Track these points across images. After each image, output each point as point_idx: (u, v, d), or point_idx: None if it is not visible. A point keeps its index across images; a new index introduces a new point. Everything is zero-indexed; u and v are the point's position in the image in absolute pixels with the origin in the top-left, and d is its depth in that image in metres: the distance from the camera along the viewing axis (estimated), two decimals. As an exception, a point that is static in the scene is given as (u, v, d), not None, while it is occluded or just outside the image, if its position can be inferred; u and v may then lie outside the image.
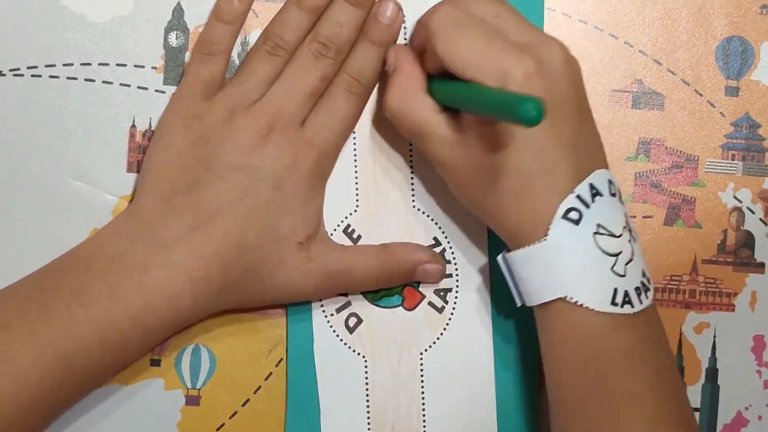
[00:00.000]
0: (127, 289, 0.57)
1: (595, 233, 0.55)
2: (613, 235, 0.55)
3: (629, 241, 0.56)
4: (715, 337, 0.65)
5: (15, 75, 0.62)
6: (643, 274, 0.56)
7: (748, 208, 0.65)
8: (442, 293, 0.64)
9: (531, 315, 0.61)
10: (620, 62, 0.64)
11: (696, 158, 0.64)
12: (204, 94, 0.60)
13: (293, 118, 0.60)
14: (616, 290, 0.55)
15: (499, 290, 0.63)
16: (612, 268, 0.55)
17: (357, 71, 0.61)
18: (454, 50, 0.56)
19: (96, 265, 0.58)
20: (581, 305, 0.55)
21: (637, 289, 0.55)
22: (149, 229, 0.58)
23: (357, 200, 0.63)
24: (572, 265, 0.55)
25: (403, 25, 0.63)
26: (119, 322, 0.57)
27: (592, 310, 0.55)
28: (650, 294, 0.56)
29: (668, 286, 0.64)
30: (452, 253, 0.63)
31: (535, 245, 0.55)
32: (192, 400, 0.63)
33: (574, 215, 0.55)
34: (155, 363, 0.63)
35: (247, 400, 0.64)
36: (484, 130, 0.55)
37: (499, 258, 0.58)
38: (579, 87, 0.57)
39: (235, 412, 0.64)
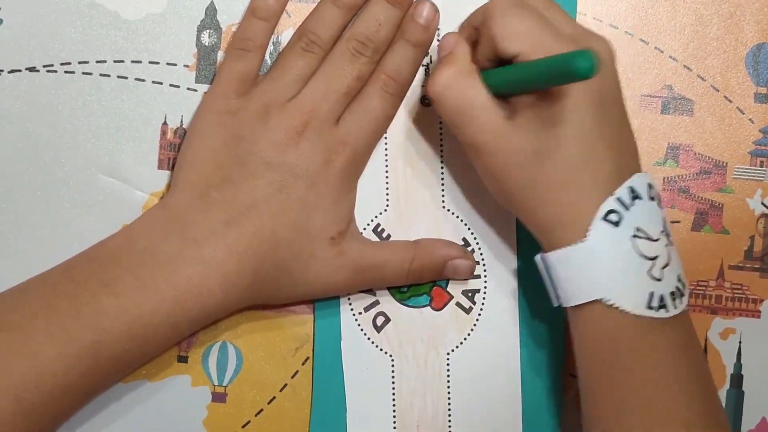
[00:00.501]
0: (157, 283, 0.57)
1: (634, 236, 0.55)
2: (651, 239, 0.55)
3: (666, 245, 0.56)
4: (740, 343, 0.65)
5: (48, 71, 0.63)
6: (679, 279, 0.57)
7: (775, 214, 0.65)
8: (470, 294, 0.64)
9: (558, 318, 0.61)
10: (650, 67, 0.64)
11: (724, 164, 0.65)
12: (238, 91, 0.60)
13: (328, 117, 0.60)
14: (652, 294, 0.55)
15: (527, 292, 0.63)
16: (649, 271, 0.55)
17: (394, 70, 0.61)
18: (510, 29, 0.56)
19: (127, 258, 0.58)
20: (617, 308, 0.55)
21: (672, 293, 0.56)
22: (182, 223, 0.59)
23: (387, 200, 0.64)
24: (610, 267, 0.55)
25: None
26: (148, 316, 0.57)
27: (628, 312, 0.55)
28: (685, 299, 0.57)
29: (695, 291, 0.65)
30: (481, 254, 0.64)
31: (573, 246, 0.55)
32: (218, 397, 0.64)
33: (613, 217, 0.55)
34: (182, 359, 0.63)
35: (273, 398, 0.64)
36: (533, 118, 0.56)
37: (537, 258, 0.58)
38: (618, 85, 0.57)
39: (261, 410, 0.64)
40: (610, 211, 0.55)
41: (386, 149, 0.63)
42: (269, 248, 0.59)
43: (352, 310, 0.64)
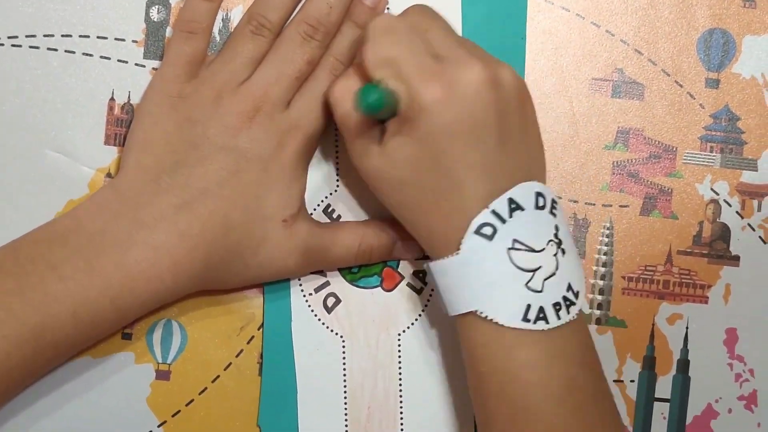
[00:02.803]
0: (105, 266, 0.57)
1: (510, 248, 0.55)
2: (532, 250, 0.55)
3: (554, 255, 0.56)
4: (687, 328, 0.64)
5: (-5, 44, 0.62)
6: (569, 288, 0.56)
7: (724, 200, 0.64)
8: (420, 275, 0.64)
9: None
10: (601, 51, 0.64)
11: (674, 149, 0.64)
12: (188, 73, 0.60)
13: (279, 101, 0.60)
14: (529, 306, 0.55)
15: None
16: (527, 283, 0.55)
17: (341, 53, 0.61)
18: (377, 55, 0.56)
19: (75, 240, 0.58)
20: (491, 320, 0.55)
21: (556, 304, 0.55)
22: (132, 207, 0.58)
23: (337, 181, 0.63)
24: (483, 279, 0.55)
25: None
26: (95, 300, 0.57)
27: (502, 325, 0.55)
28: (573, 309, 0.56)
29: (642, 275, 0.64)
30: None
31: (448, 259, 0.56)
32: (162, 375, 0.63)
33: (487, 230, 0.55)
34: (126, 336, 0.63)
35: (218, 377, 0.63)
36: (397, 145, 0.56)
37: (425, 266, 0.58)
38: (502, 108, 0.56)
39: (205, 388, 0.63)
40: (484, 224, 0.55)
41: (336, 130, 0.63)
42: (221, 233, 0.58)
43: (302, 290, 0.63)
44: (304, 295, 0.63)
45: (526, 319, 0.55)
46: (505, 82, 0.56)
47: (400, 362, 0.63)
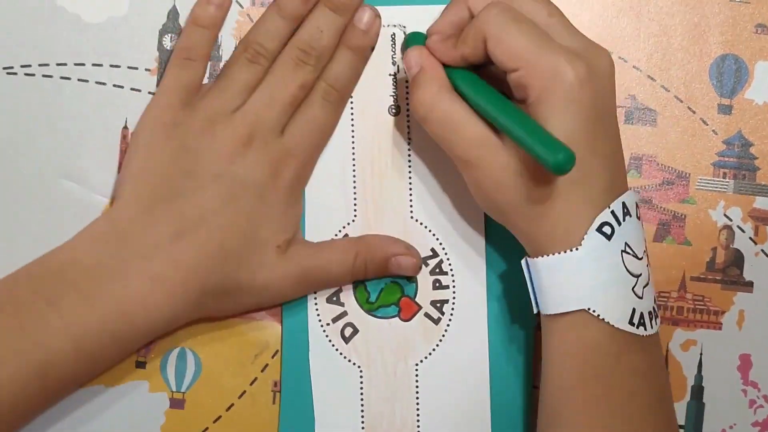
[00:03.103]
0: (102, 299, 0.57)
1: (623, 251, 0.55)
2: (637, 257, 0.56)
3: (647, 265, 0.56)
4: (701, 354, 0.65)
5: (8, 73, 0.62)
6: (654, 300, 0.57)
7: (738, 226, 0.65)
8: (438, 304, 0.64)
9: (527, 328, 0.62)
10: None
11: (687, 175, 0.65)
12: (183, 101, 0.60)
13: (273, 127, 0.60)
14: (634, 310, 0.55)
15: (496, 303, 0.63)
16: (633, 288, 0.55)
17: (333, 78, 0.61)
18: (507, 42, 0.55)
19: (71, 274, 0.57)
20: (602, 319, 0.55)
21: (650, 313, 0.56)
22: (127, 238, 0.58)
23: (355, 210, 0.63)
24: (599, 278, 0.55)
25: (392, 42, 0.63)
26: (96, 333, 0.57)
27: (611, 325, 0.55)
28: (658, 321, 0.57)
29: (656, 302, 0.64)
30: (449, 264, 0.63)
31: (565, 254, 0.55)
32: (176, 403, 0.63)
33: (607, 230, 0.55)
34: (140, 365, 0.63)
35: (232, 405, 0.63)
36: None
37: (523, 262, 0.57)
38: (614, 98, 0.57)
39: (219, 417, 0.63)
40: (604, 224, 0.55)
41: (354, 159, 0.63)
42: (217, 261, 0.58)
43: (320, 320, 0.63)
44: (322, 325, 0.63)
45: (631, 323, 0.55)
46: (614, 68, 0.57)
47: (417, 392, 0.63)
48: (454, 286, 0.64)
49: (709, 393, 0.64)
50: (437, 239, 0.63)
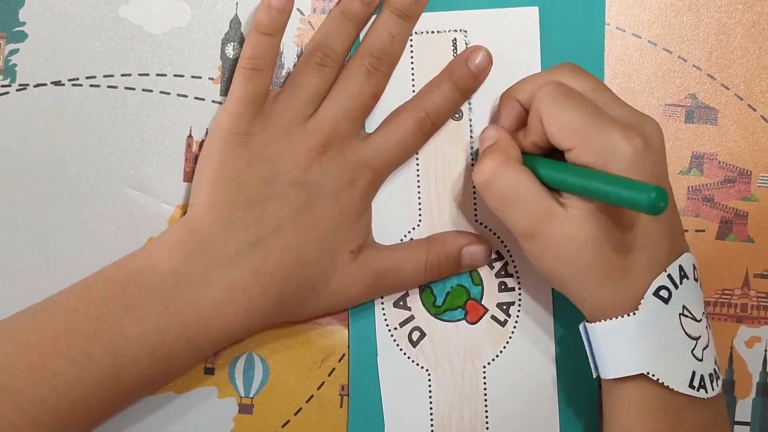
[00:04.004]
0: (180, 307, 0.57)
1: (681, 314, 0.55)
2: (695, 319, 0.56)
3: (706, 327, 0.57)
4: (766, 351, 0.65)
5: (74, 85, 0.63)
6: (715, 362, 0.57)
7: (800, 223, 0.65)
8: (504, 307, 0.64)
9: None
10: (674, 77, 0.64)
11: (749, 173, 0.65)
12: (254, 110, 0.60)
13: (348, 135, 0.60)
14: (694, 373, 0.55)
15: (561, 304, 0.63)
16: (692, 351, 0.55)
17: (434, 111, 0.61)
18: (561, 119, 0.55)
19: (149, 280, 0.58)
20: (662, 383, 0.55)
21: (710, 375, 0.56)
22: (206, 245, 0.58)
23: (420, 215, 0.64)
24: (658, 342, 0.55)
25: (453, 48, 0.63)
26: (171, 340, 0.57)
27: (671, 389, 0.55)
28: (720, 382, 0.57)
29: (720, 299, 0.65)
30: (515, 267, 0.64)
31: (623, 319, 0.55)
32: (245, 409, 0.64)
33: (664, 293, 0.55)
34: (209, 371, 0.63)
35: (300, 409, 0.64)
36: (587, 208, 0.55)
37: (581, 327, 0.58)
38: (667, 165, 0.57)
39: (288, 421, 0.64)
40: (661, 288, 0.55)
41: (418, 164, 0.63)
42: (295, 268, 0.59)
43: (387, 325, 0.64)
44: (389, 330, 0.63)
45: (691, 386, 0.55)
46: (662, 135, 0.57)
47: (486, 394, 0.64)
48: (519, 288, 0.64)
49: (774, 389, 0.65)
50: (502, 242, 0.64)
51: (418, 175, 0.63)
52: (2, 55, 0.63)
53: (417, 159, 0.63)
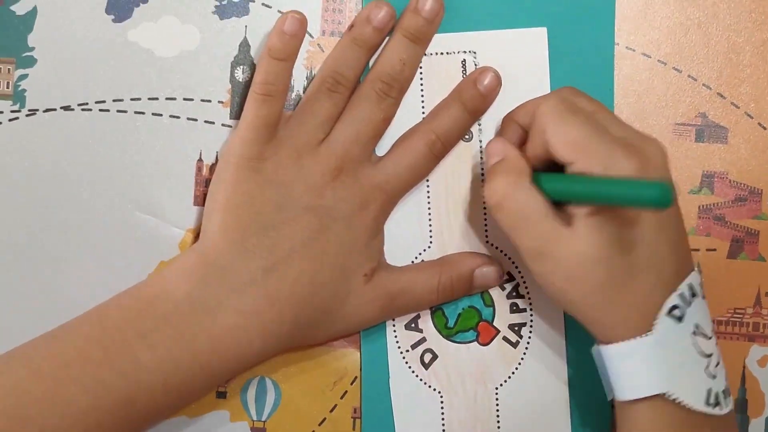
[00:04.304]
0: (194, 334, 0.57)
1: (694, 333, 0.55)
2: (707, 337, 0.56)
3: (716, 344, 0.56)
4: (779, 370, 0.65)
5: (83, 109, 0.63)
6: (726, 378, 0.57)
7: (811, 241, 0.65)
8: (516, 328, 0.64)
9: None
10: (684, 96, 0.64)
11: (760, 191, 0.65)
12: (267, 135, 0.60)
13: (360, 159, 0.60)
14: (710, 391, 0.55)
15: (573, 324, 0.63)
16: (706, 368, 0.55)
17: (444, 133, 0.62)
18: (565, 133, 0.55)
19: (162, 307, 0.57)
20: (679, 402, 0.55)
21: (724, 392, 0.56)
22: (220, 271, 0.58)
23: (431, 236, 0.63)
24: (673, 362, 0.55)
25: (462, 69, 0.63)
26: (186, 368, 0.57)
27: (688, 408, 0.55)
28: (731, 399, 0.57)
29: (732, 318, 0.64)
30: (526, 287, 0.64)
31: (637, 340, 0.55)
32: (257, 432, 0.64)
33: (677, 312, 0.55)
34: (221, 395, 0.63)
35: (312, 432, 0.64)
36: (595, 224, 0.54)
37: (593, 350, 0.57)
38: (674, 184, 0.56)
39: (300, 444, 0.64)
40: (674, 307, 0.55)
41: (428, 185, 0.63)
42: (309, 292, 0.59)
43: (399, 347, 0.64)
44: (401, 352, 0.63)
45: (707, 404, 0.55)
46: (667, 157, 0.57)
47: (498, 416, 0.64)
48: (531, 309, 0.64)
49: (788, 408, 0.65)
50: (513, 263, 0.64)
51: (428, 197, 0.63)
52: (11, 80, 0.63)
53: (427, 180, 0.63)
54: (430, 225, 0.64)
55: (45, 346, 0.57)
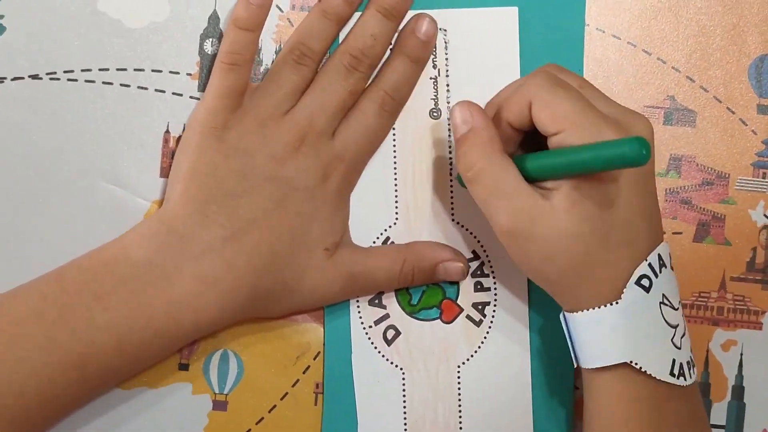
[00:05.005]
0: (150, 298, 0.57)
1: (661, 303, 0.55)
2: (673, 308, 0.56)
3: (682, 315, 0.57)
4: (742, 354, 0.65)
5: (51, 79, 0.63)
6: (690, 350, 0.57)
7: (777, 226, 0.65)
8: (479, 307, 0.64)
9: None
10: (653, 78, 0.64)
11: (727, 176, 0.65)
12: (232, 105, 0.60)
13: (323, 131, 0.60)
14: (674, 361, 0.55)
15: (537, 304, 0.63)
16: (672, 339, 0.55)
17: (392, 88, 0.61)
18: (553, 104, 0.55)
19: (121, 270, 0.58)
20: (644, 371, 0.55)
21: (688, 363, 0.56)
22: (179, 237, 0.58)
23: (396, 213, 0.63)
24: (639, 331, 0.55)
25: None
26: (140, 330, 0.57)
27: (652, 378, 0.55)
28: (695, 370, 0.57)
29: (696, 302, 0.65)
30: (491, 267, 0.64)
31: (605, 308, 0.55)
32: (219, 405, 0.64)
33: (645, 282, 0.55)
34: (183, 367, 0.63)
35: (274, 406, 0.64)
36: (575, 200, 0.54)
37: (561, 317, 0.57)
38: (654, 159, 0.57)
39: (262, 418, 0.64)
40: (642, 276, 0.55)
41: (395, 162, 0.63)
42: (267, 263, 0.59)
43: (362, 323, 0.64)
44: (364, 328, 0.63)
45: (672, 374, 0.55)
46: (653, 133, 0.57)
47: (460, 394, 0.64)
48: (495, 289, 0.64)
49: (750, 393, 0.65)
50: (479, 242, 0.64)
51: (395, 173, 0.63)
52: (-20, 47, 0.63)
53: (395, 157, 0.63)
54: (396, 202, 0.63)
55: (1, 304, 0.57)
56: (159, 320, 0.57)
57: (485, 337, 0.64)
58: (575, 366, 0.58)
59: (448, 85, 0.63)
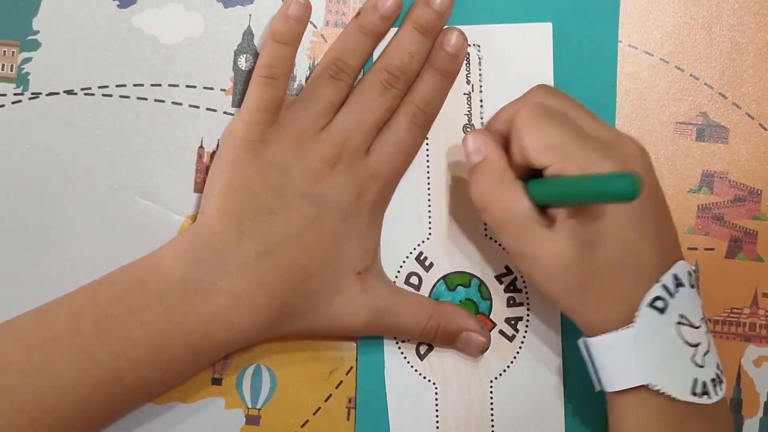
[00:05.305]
0: (185, 313, 0.57)
1: (678, 323, 0.55)
2: (693, 326, 0.56)
3: (706, 332, 0.56)
4: (774, 370, 0.65)
5: (86, 94, 0.63)
6: (717, 366, 0.57)
7: (809, 242, 0.65)
8: (512, 322, 0.64)
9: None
10: (686, 95, 0.65)
11: (759, 192, 0.65)
12: (269, 119, 0.60)
13: (359, 149, 0.60)
14: (695, 380, 0.55)
15: (569, 320, 0.63)
16: (692, 358, 0.55)
17: (423, 102, 0.61)
18: (541, 137, 0.55)
19: (154, 285, 0.58)
20: (663, 393, 0.55)
21: (713, 380, 0.56)
22: (214, 253, 0.58)
23: (430, 228, 0.64)
24: (656, 353, 0.55)
25: (466, 62, 0.63)
26: (174, 346, 0.57)
27: (673, 398, 0.55)
28: (723, 386, 0.57)
29: (728, 318, 0.65)
30: (523, 282, 0.64)
31: (620, 332, 0.55)
32: (252, 420, 0.64)
33: (659, 304, 0.55)
34: (216, 382, 0.63)
35: (307, 421, 0.64)
36: (573, 225, 0.55)
37: (580, 342, 0.58)
38: (655, 180, 0.57)
39: (295, 433, 0.64)
40: (656, 298, 0.55)
41: (429, 178, 0.63)
42: (300, 281, 0.59)
43: (395, 337, 0.64)
44: (397, 342, 0.64)
45: (693, 393, 0.55)
46: (648, 156, 0.57)
47: (492, 409, 0.64)
48: (528, 304, 0.64)
49: (782, 409, 0.65)
50: (511, 257, 0.64)
51: (428, 189, 0.63)
52: (15, 63, 0.63)
53: (428, 172, 0.63)
54: (430, 217, 0.64)
55: (35, 319, 0.57)
56: (193, 335, 0.58)
57: (518, 352, 0.64)
58: (596, 390, 0.58)
59: (481, 101, 0.63)
